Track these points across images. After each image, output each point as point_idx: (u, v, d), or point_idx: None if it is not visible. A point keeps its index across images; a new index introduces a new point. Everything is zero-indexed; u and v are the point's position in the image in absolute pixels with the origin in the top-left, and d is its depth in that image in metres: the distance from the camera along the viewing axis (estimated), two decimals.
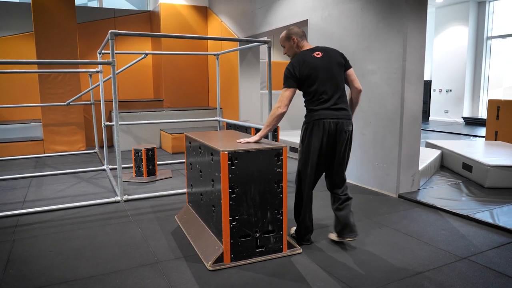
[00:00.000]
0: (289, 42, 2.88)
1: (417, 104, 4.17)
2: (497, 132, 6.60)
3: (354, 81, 2.87)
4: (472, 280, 2.39)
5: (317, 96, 2.73)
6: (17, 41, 7.92)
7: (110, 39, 3.90)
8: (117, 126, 4.07)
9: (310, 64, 2.72)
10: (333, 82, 2.74)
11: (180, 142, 7.00)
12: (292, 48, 2.88)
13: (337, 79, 2.76)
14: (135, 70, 8.48)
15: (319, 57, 2.76)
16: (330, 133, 2.71)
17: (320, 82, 2.72)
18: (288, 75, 2.75)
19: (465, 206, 3.76)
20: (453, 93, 11.83)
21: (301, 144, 2.85)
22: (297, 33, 2.87)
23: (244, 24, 7.22)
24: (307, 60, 2.74)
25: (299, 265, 2.60)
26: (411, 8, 3.95)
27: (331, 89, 2.73)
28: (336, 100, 2.72)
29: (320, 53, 2.78)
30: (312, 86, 2.73)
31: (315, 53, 2.78)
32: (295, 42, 2.86)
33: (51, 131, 6.95)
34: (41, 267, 2.61)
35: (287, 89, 2.73)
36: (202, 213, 3.08)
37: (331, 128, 2.70)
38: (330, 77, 2.73)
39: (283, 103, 2.72)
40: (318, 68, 2.72)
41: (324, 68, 2.73)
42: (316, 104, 2.74)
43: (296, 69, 2.73)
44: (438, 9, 12.04)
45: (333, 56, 2.80)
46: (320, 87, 2.72)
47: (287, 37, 2.88)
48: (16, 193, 4.47)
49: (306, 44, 2.88)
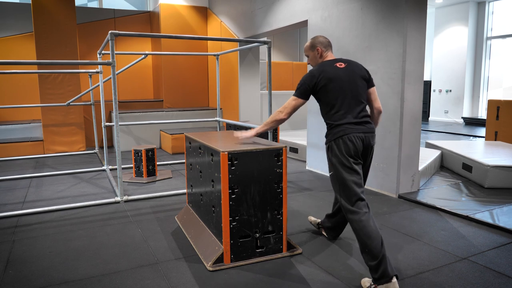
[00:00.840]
0: (313, 51, 2.70)
1: (417, 104, 4.17)
2: (497, 132, 6.60)
3: (375, 101, 2.67)
4: (472, 280, 2.39)
5: (337, 108, 2.48)
6: (17, 41, 7.93)
7: (110, 40, 3.90)
8: (117, 127, 4.07)
9: (329, 74, 2.50)
10: (355, 94, 2.50)
11: (180, 143, 7.00)
12: (316, 58, 2.70)
13: (360, 92, 2.53)
14: (135, 70, 8.48)
15: (341, 67, 2.55)
16: (358, 148, 2.43)
17: (341, 94, 2.48)
18: (303, 84, 2.54)
19: (465, 206, 3.76)
20: (453, 93, 11.83)
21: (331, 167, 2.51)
22: (322, 43, 2.69)
23: (244, 24, 7.22)
24: (327, 70, 2.52)
25: (299, 266, 2.60)
26: (411, 8, 3.95)
27: (353, 102, 2.49)
28: (358, 113, 2.48)
29: (343, 64, 2.58)
30: (330, 97, 2.49)
31: (337, 63, 2.57)
32: (319, 52, 2.67)
33: (51, 132, 6.96)
34: (41, 268, 2.61)
35: (296, 98, 2.54)
36: (202, 213, 3.08)
37: (357, 143, 2.43)
38: (352, 89, 2.50)
39: (286, 110, 2.56)
40: (339, 78, 2.49)
41: (346, 79, 2.50)
42: (337, 118, 2.48)
43: (314, 78, 2.51)
44: (438, 9, 12.04)
45: (357, 69, 2.60)
46: (340, 99, 2.48)
47: (311, 46, 2.71)
48: (16, 193, 4.47)
49: (329, 55, 2.68)
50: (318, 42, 2.69)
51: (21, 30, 7.93)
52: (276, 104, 6.80)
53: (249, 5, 6.95)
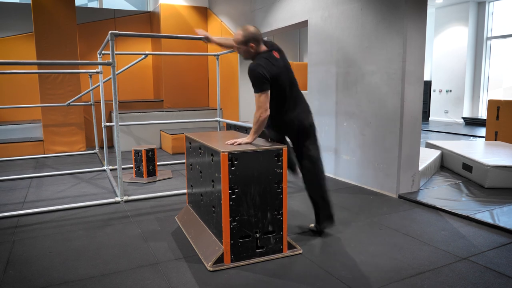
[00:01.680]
0: (246, 46, 2.80)
1: (417, 105, 4.17)
2: (497, 132, 6.60)
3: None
4: (472, 280, 2.39)
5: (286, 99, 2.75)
6: (17, 41, 7.93)
7: (110, 40, 3.90)
8: (117, 127, 4.07)
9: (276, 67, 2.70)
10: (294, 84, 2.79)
11: (180, 143, 7.00)
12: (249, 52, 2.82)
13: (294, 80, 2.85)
14: (135, 70, 8.48)
15: (279, 58, 2.77)
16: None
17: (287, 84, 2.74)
18: (261, 77, 2.64)
19: (465, 206, 3.76)
20: (453, 94, 11.82)
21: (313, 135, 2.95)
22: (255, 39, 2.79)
23: (244, 24, 7.21)
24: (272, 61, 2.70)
25: (299, 266, 2.60)
26: (411, 9, 3.95)
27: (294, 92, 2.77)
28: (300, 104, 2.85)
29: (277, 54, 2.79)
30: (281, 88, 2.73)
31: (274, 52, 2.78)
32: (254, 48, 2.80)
33: (51, 132, 6.96)
34: (41, 268, 2.61)
35: (262, 93, 2.65)
36: (202, 213, 3.08)
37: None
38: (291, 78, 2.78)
39: (263, 108, 2.66)
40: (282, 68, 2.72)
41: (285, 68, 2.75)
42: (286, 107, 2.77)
43: (266, 70, 2.65)
44: (438, 10, 12.04)
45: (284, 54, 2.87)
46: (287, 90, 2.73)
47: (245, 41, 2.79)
48: (16, 193, 4.47)
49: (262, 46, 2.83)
50: (251, 39, 2.76)
51: (21, 30, 7.93)
52: None
53: (249, 5, 6.95)
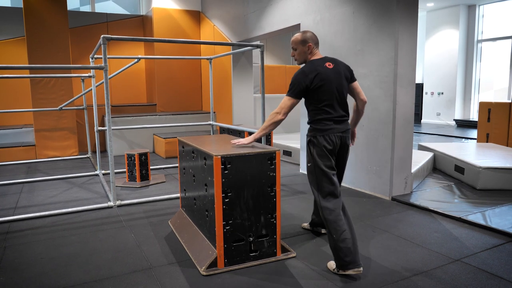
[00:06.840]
0: (303, 46, 2.70)
1: (409, 107, 4.20)
2: (488, 134, 6.66)
3: (360, 94, 2.81)
4: (465, 281, 2.41)
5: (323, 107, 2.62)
6: (9, 46, 7.86)
7: (103, 44, 3.89)
8: (109, 131, 4.05)
9: (322, 75, 2.58)
10: (341, 96, 2.65)
11: (173, 147, 6.98)
12: (305, 53, 2.72)
13: (344, 94, 2.69)
14: (128, 74, 8.45)
15: (330, 68, 2.63)
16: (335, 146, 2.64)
17: (329, 94, 2.61)
18: (298, 84, 2.59)
19: (457, 208, 3.78)
20: (444, 96, 11.93)
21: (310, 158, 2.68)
22: (313, 39, 2.71)
23: (236, 28, 7.23)
24: (319, 70, 2.59)
25: (293, 269, 2.60)
26: (402, 12, 3.98)
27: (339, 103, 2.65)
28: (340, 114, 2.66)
29: (331, 64, 2.66)
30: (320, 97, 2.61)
31: (326, 63, 2.65)
32: (310, 49, 2.70)
33: (43, 137, 6.90)
34: (32, 274, 2.58)
35: (291, 98, 2.60)
36: (196, 217, 3.07)
37: (336, 142, 2.63)
38: (339, 90, 2.63)
39: (283, 111, 2.62)
40: (329, 80, 2.60)
41: (335, 81, 2.63)
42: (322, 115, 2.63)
43: (307, 79, 2.57)
44: (429, 13, 12.16)
45: (342, 69, 2.70)
46: (328, 100, 2.61)
47: (303, 40, 2.70)
48: (8, 199, 4.42)
49: (317, 53, 2.73)
50: (309, 38, 2.72)
51: (13, 34, 7.86)
52: (269, 107, 6.80)
53: (242, 9, 6.97)
